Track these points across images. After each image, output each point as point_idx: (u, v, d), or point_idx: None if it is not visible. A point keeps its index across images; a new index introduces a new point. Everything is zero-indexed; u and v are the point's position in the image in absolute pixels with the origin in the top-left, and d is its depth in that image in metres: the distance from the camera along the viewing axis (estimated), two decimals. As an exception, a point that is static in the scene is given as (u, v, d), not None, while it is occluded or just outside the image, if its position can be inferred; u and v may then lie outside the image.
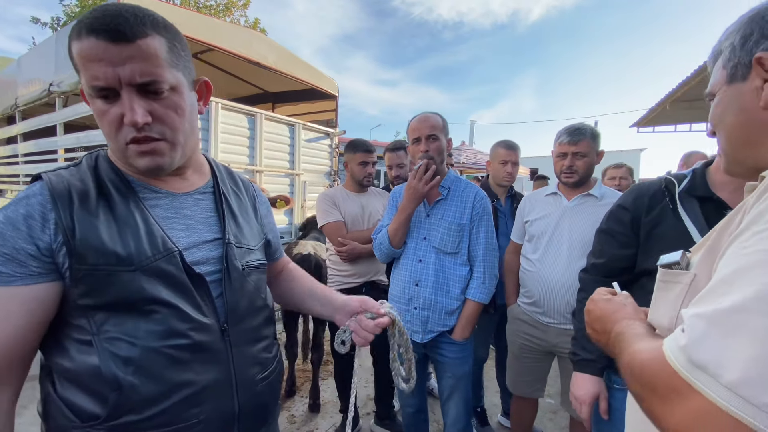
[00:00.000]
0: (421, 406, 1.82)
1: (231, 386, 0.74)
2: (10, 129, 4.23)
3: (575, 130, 1.64)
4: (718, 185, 1.01)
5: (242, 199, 0.89)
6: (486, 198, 1.66)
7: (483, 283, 1.59)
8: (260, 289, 0.85)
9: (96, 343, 0.63)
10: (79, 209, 0.64)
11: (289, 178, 3.96)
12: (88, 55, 0.60)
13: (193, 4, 11.73)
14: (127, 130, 0.64)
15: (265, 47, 3.76)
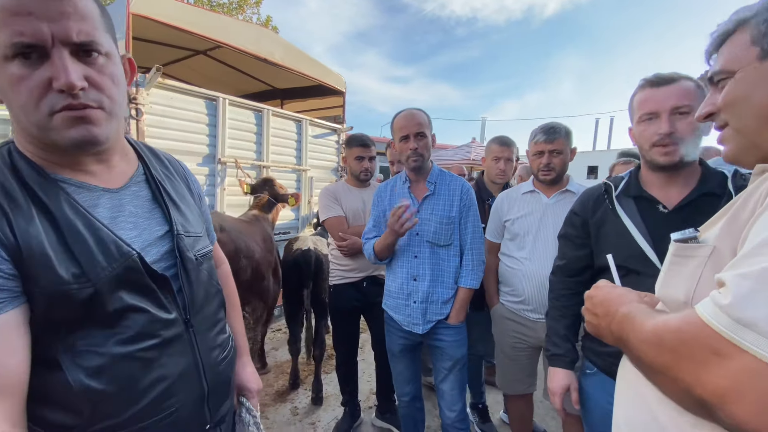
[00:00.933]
0: (416, 393, 1.86)
1: (199, 371, 0.76)
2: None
3: (550, 129, 1.68)
4: (648, 184, 1.13)
5: (175, 182, 0.82)
6: (471, 189, 1.72)
7: (472, 270, 1.66)
8: (212, 276, 0.84)
9: (63, 359, 0.60)
10: (16, 222, 0.56)
11: (296, 173, 3.99)
12: (14, 7, 0.52)
13: (206, 3, 11.86)
14: (56, 98, 0.56)
15: (273, 44, 3.79)
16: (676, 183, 1.09)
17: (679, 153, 1.03)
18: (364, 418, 2.42)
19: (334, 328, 2.32)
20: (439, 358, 1.72)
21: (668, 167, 1.06)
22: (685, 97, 1.01)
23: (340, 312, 2.25)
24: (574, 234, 1.29)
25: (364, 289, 2.18)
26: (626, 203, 1.14)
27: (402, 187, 1.76)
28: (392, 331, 1.78)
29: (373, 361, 2.38)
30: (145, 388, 0.66)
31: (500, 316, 1.85)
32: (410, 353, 1.81)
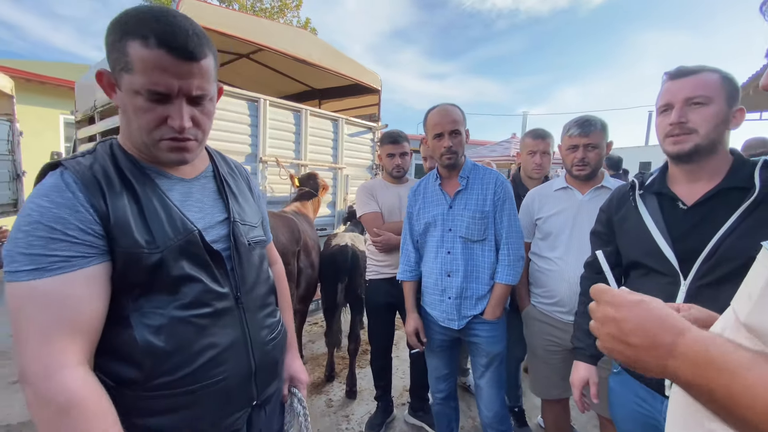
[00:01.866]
0: (451, 392, 1.83)
1: (247, 347, 0.83)
2: (90, 128, 4.75)
3: (585, 122, 1.61)
4: (673, 179, 1.10)
5: (238, 181, 0.96)
6: (506, 182, 1.66)
7: (509, 266, 1.61)
8: (263, 262, 0.95)
9: (133, 317, 0.70)
10: (110, 196, 0.69)
11: (332, 171, 4.07)
12: (155, 65, 0.65)
13: (249, 8, 12.36)
14: (167, 130, 0.70)
15: (311, 45, 3.88)
16: (701, 177, 1.04)
17: (690, 142, 0.99)
18: (396, 415, 2.44)
19: (369, 323, 2.35)
20: (476, 353, 1.70)
21: (680, 157, 1.03)
22: (701, 88, 0.98)
23: (375, 307, 2.27)
24: (602, 231, 1.29)
25: (399, 285, 2.19)
26: (649, 200, 1.12)
27: (433, 184, 1.74)
28: (430, 326, 1.77)
29: (406, 357, 2.38)
30: (197, 351, 0.74)
31: (532, 319, 1.79)
32: (448, 350, 1.79)
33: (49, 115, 8.08)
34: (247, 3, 12.43)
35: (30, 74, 7.63)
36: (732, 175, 1.00)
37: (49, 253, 0.62)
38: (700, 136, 0.99)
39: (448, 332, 1.71)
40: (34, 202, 0.64)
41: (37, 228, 0.62)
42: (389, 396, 2.38)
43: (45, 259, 0.61)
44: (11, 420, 2.26)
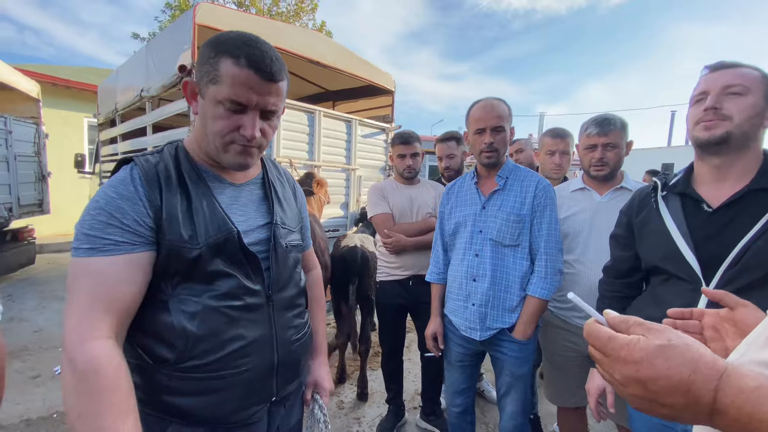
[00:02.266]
0: (468, 407, 1.74)
1: (272, 343, 0.88)
2: (111, 131, 4.88)
3: (604, 121, 1.55)
4: (699, 179, 1.05)
5: (285, 187, 1.03)
6: (549, 187, 1.54)
7: (545, 278, 1.47)
8: (297, 265, 1.00)
9: (170, 302, 0.77)
10: (165, 193, 0.77)
11: (345, 172, 4.07)
12: (243, 82, 0.75)
13: (266, 12, 12.54)
14: (237, 137, 0.79)
15: (325, 46, 3.89)
16: (729, 177, 0.98)
17: (722, 128, 0.94)
18: (408, 418, 2.41)
19: (380, 325, 2.33)
20: (499, 370, 1.59)
21: (709, 144, 0.96)
22: (741, 78, 0.93)
23: (386, 308, 2.25)
24: (620, 233, 1.25)
25: (410, 287, 2.17)
26: (672, 201, 1.07)
27: (469, 183, 1.66)
28: (450, 336, 1.68)
29: (418, 361, 2.36)
30: (226, 340, 0.80)
31: (547, 323, 1.74)
32: (467, 363, 1.68)
33: (74, 118, 8.37)
34: (263, 7, 12.62)
35: (56, 79, 7.92)
36: (762, 175, 0.94)
37: (104, 236, 0.70)
38: (733, 124, 0.93)
39: (469, 345, 1.61)
40: (105, 191, 0.74)
41: (101, 213, 0.71)
42: (401, 399, 2.36)
43: (100, 240, 0.70)
44: (31, 414, 2.32)
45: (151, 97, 3.64)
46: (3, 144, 4.75)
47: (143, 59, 3.74)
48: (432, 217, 2.19)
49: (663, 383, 0.40)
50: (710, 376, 0.39)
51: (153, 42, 3.75)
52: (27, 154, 5.27)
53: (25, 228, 5.19)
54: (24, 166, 5.17)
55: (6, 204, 4.75)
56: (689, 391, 0.39)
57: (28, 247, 5.21)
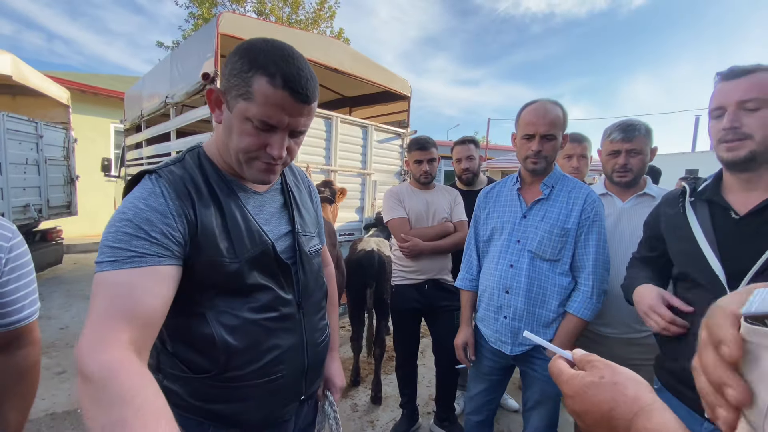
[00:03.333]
0: (488, 417, 1.68)
1: (303, 347, 0.91)
2: (137, 136, 5.06)
3: (629, 126, 1.52)
4: (728, 187, 1.03)
5: (302, 191, 1.02)
6: (599, 201, 1.44)
7: (590, 298, 1.37)
8: (320, 269, 1.02)
9: (208, 315, 0.77)
10: (199, 207, 0.76)
11: (361, 177, 4.11)
12: (276, 102, 0.72)
13: (285, 20, 12.81)
14: (263, 154, 0.76)
15: (342, 53, 3.96)
16: (758, 186, 0.96)
17: (745, 149, 0.92)
18: (422, 423, 2.40)
19: (395, 329, 2.34)
20: (529, 386, 1.52)
21: (735, 164, 0.96)
22: (756, 90, 0.90)
23: (401, 312, 2.26)
24: (649, 235, 1.27)
25: (426, 291, 2.17)
26: (700, 207, 1.06)
27: (510, 188, 1.56)
28: (480, 348, 1.61)
29: (433, 366, 2.35)
30: (264, 350, 0.83)
31: None
32: (496, 376, 1.61)
33: (101, 124, 8.70)
34: (283, 15, 12.90)
35: (84, 86, 8.25)
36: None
37: (130, 249, 0.67)
38: (755, 142, 0.91)
39: (499, 358, 1.54)
40: (133, 203, 0.71)
41: (127, 225, 0.68)
42: (414, 404, 2.36)
43: (124, 252, 0.67)
44: (56, 409, 2.41)
45: (175, 104, 3.76)
46: (34, 148, 4.97)
47: (168, 67, 3.88)
48: (448, 222, 2.20)
49: (590, 417, 0.46)
50: (627, 413, 0.43)
51: (177, 50, 3.88)
52: (56, 158, 5.49)
53: (53, 229, 5.40)
54: (54, 169, 5.39)
55: (36, 205, 4.96)
56: (610, 425, 0.44)
57: (56, 247, 5.42)
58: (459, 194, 2.29)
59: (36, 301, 0.94)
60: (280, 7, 12.86)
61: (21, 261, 0.88)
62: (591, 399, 0.46)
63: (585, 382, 0.48)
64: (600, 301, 1.41)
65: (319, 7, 13.21)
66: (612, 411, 0.44)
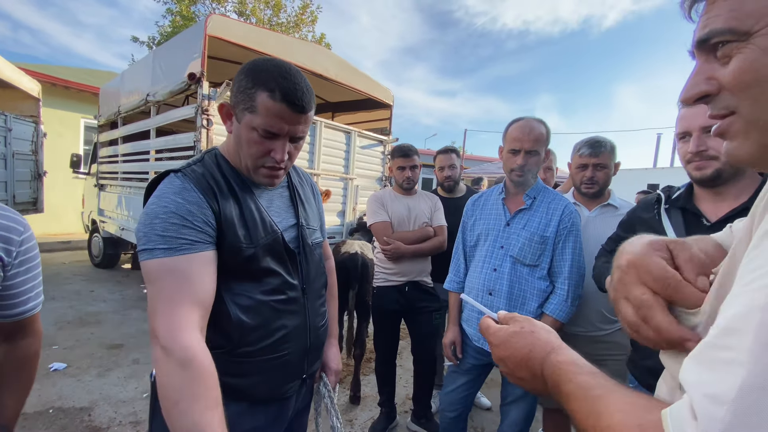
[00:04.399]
0: (462, 413, 1.78)
1: (306, 329, 1.00)
2: (112, 133, 4.94)
3: (596, 143, 1.68)
4: (699, 197, 1.13)
5: (305, 188, 1.13)
6: (575, 212, 1.56)
7: (565, 301, 1.50)
8: (321, 260, 1.12)
9: (226, 296, 0.86)
10: (221, 199, 0.85)
11: (343, 181, 4.18)
12: (276, 114, 0.82)
13: (266, 22, 12.74)
14: (269, 160, 0.87)
15: (327, 60, 4.04)
16: (727, 197, 1.08)
17: (711, 168, 1.04)
18: (399, 421, 2.47)
19: (375, 330, 2.41)
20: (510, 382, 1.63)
21: (704, 182, 1.07)
22: None
23: (382, 313, 2.34)
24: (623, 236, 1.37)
25: (406, 293, 2.26)
26: (675, 214, 1.15)
27: (496, 197, 1.69)
28: (463, 346, 1.72)
29: (410, 367, 2.43)
30: (273, 329, 0.92)
31: None
32: (476, 373, 1.72)
33: (71, 119, 8.37)
34: (264, 17, 12.83)
35: (56, 79, 7.93)
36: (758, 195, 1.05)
37: (180, 237, 0.77)
38: (721, 162, 1.02)
39: (482, 356, 1.64)
40: (170, 197, 0.80)
41: (173, 216, 0.78)
42: (392, 403, 2.43)
43: (176, 240, 0.76)
44: (27, 409, 2.33)
45: (157, 102, 3.73)
46: (2, 141, 4.77)
47: (150, 64, 3.84)
48: (428, 227, 2.30)
49: (512, 360, 0.54)
50: (541, 353, 0.51)
51: (161, 48, 3.85)
52: (24, 152, 5.27)
53: (17, 226, 5.16)
54: (21, 164, 5.17)
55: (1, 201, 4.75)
56: (528, 365, 0.52)
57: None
58: (439, 200, 2.40)
59: (41, 293, 0.99)
60: (262, 9, 12.79)
61: (30, 254, 0.92)
62: (513, 345, 0.54)
63: (508, 332, 0.56)
64: (575, 305, 1.53)
65: (301, 11, 13.22)
66: (530, 353, 0.52)
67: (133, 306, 4.28)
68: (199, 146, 3.00)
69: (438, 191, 2.67)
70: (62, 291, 4.69)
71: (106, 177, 5.23)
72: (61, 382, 2.65)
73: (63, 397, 2.50)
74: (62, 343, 3.27)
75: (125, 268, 6.14)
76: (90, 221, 6.04)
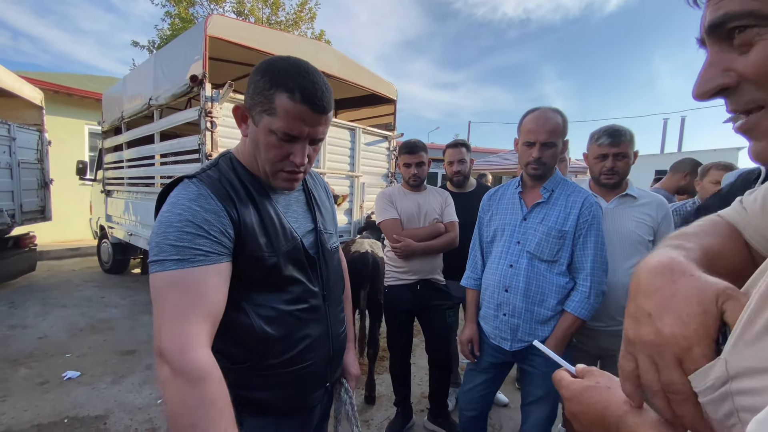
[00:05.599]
0: (482, 412, 1.74)
1: (329, 337, 0.98)
2: (116, 138, 4.93)
3: (616, 132, 1.61)
4: None
5: (320, 192, 1.10)
6: (596, 205, 1.49)
7: (587, 298, 1.43)
8: (340, 265, 1.11)
9: (248, 308, 0.83)
10: (239, 205, 0.82)
11: (349, 179, 4.14)
12: (296, 115, 0.79)
13: (265, 21, 12.68)
14: (288, 164, 0.84)
15: (330, 57, 3.99)
16: None
17: None
18: (416, 421, 2.45)
19: (388, 329, 2.38)
20: (529, 382, 1.58)
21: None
22: None
23: (394, 313, 2.30)
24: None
25: (418, 291, 2.22)
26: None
27: (513, 192, 1.64)
28: (480, 344, 1.68)
29: (425, 365, 2.40)
30: (298, 339, 0.90)
31: None
32: (494, 372, 1.67)
33: (75, 126, 8.39)
34: (263, 16, 12.76)
35: (58, 86, 7.95)
36: None
37: (195, 247, 0.73)
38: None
39: (500, 355, 1.60)
40: (185, 205, 0.76)
41: (188, 225, 0.73)
42: (408, 402, 2.40)
43: (190, 251, 0.72)
44: (42, 420, 2.33)
45: (160, 106, 3.70)
46: (6, 151, 4.77)
47: (151, 68, 3.81)
48: (439, 223, 2.26)
49: (585, 416, 0.50)
50: (617, 412, 0.47)
51: (162, 52, 3.82)
52: (30, 161, 5.28)
53: (26, 235, 5.19)
54: (27, 173, 5.18)
55: (9, 210, 4.76)
56: (603, 423, 0.48)
57: (29, 253, 5.21)
58: (450, 196, 2.35)
59: None
60: (260, 8, 12.72)
61: None
62: (587, 400, 0.50)
63: (582, 386, 0.52)
64: (598, 302, 1.46)
65: (299, 8, 13.13)
66: (605, 410, 0.48)
67: (143, 311, 4.29)
68: (204, 149, 2.97)
69: (447, 186, 2.62)
70: (73, 298, 4.71)
71: (112, 183, 5.23)
72: (76, 391, 2.66)
73: (77, 405, 2.49)
74: (75, 351, 3.28)
75: (135, 273, 6.17)
76: (98, 227, 6.07)
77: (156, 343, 0.69)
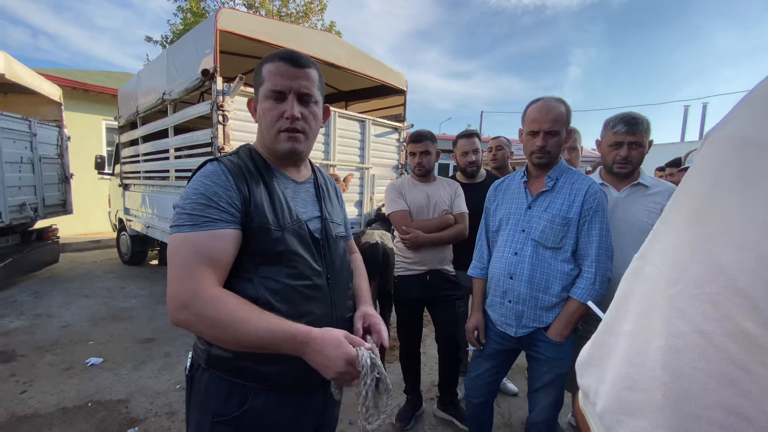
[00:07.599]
0: (488, 399, 1.77)
1: (333, 319, 1.00)
2: (132, 133, 5.03)
3: (632, 119, 1.57)
4: None
5: (330, 189, 1.19)
6: (601, 192, 1.50)
7: (593, 285, 1.44)
8: (346, 253, 1.15)
9: (254, 279, 0.91)
10: (251, 184, 0.93)
11: (359, 171, 4.15)
12: (276, 71, 0.92)
13: (275, 13, 12.68)
14: (284, 122, 0.94)
15: (339, 48, 3.97)
16: None
17: None
18: (425, 408, 2.48)
19: (398, 319, 2.40)
20: (534, 368, 1.61)
21: None
22: None
23: (404, 303, 2.32)
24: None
25: (428, 282, 2.24)
26: None
27: (518, 181, 1.66)
28: (486, 331, 1.71)
29: (434, 354, 2.42)
30: (300, 314, 0.93)
31: None
32: (500, 359, 1.70)
33: (93, 121, 8.59)
34: (273, 8, 12.76)
35: (75, 83, 8.13)
36: None
37: (204, 215, 0.85)
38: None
39: (505, 341, 1.63)
40: (202, 181, 0.89)
41: (201, 197, 0.86)
42: (418, 390, 2.43)
43: (200, 218, 0.85)
44: (67, 404, 2.45)
45: (173, 100, 3.76)
46: (28, 146, 4.93)
47: (164, 63, 3.87)
48: (448, 214, 2.26)
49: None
50: None
51: (174, 46, 3.86)
52: (50, 156, 5.45)
53: (49, 228, 5.38)
54: (48, 167, 5.35)
55: (32, 204, 4.93)
56: None
57: (52, 246, 5.41)
58: (459, 186, 2.34)
59: None
60: (270, 0, 12.72)
61: None
62: None
63: None
64: (603, 288, 1.46)
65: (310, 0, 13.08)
66: None
67: (161, 301, 4.42)
68: (216, 142, 3.01)
69: (457, 177, 2.61)
70: (95, 289, 4.88)
71: (130, 177, 5.36)
72: (99, 377, 2.77)
73: (101, 390, 2.61)
74: (98, 339, 3.41)
75: (153, 265, 6.34)
76: (117, 220, 6.24)
77: (169, 292, 0.81)
